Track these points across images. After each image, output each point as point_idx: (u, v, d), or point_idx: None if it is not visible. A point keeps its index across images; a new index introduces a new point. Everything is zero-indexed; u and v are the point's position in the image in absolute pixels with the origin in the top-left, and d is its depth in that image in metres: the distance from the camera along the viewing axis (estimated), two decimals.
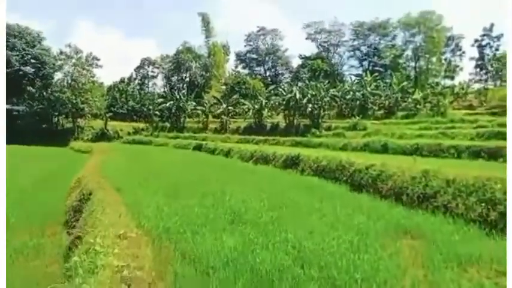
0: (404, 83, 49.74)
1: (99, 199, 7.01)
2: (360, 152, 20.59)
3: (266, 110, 48.00)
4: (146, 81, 76.03)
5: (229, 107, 51.60)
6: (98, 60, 54.35)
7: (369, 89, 48.02)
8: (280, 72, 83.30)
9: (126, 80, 71.44)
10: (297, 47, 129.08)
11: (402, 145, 18.94)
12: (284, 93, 45.90)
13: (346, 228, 6.27)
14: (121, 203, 7.12)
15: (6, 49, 46.98)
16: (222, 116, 50.59)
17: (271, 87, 55.69)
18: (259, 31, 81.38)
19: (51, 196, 12.42)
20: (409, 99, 45.71)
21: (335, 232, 5.98)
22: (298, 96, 43.14)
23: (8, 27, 49.64)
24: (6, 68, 47.37)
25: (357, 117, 41.90)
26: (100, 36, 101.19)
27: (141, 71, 75.75)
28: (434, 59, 62.26)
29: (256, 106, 47.58)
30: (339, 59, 78.18)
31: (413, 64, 65.15)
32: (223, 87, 64.65)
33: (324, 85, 47.16)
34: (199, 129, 50.90)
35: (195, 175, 13.58)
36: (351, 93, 48.04)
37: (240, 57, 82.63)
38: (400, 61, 65.71)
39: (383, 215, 7.33)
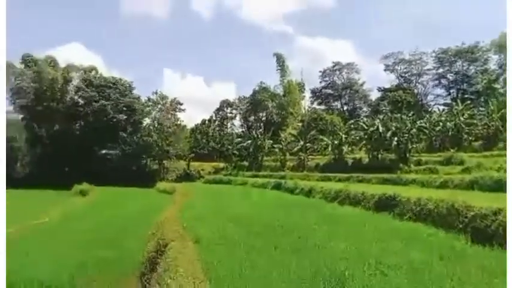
0: (504, 110, 43.96)
1: (173, 255, 6.09)
2: (465, 190, 17.51)
3: (346, 145, 45.61)
4: (225, 122, 78.63)
5: (307, 144, 50.26)
6: (181, 104, 57.73)
7: (461, 118, 43.24)
8: (358, 106, 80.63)
9: (206, 122, 74.60)
10: (374, 80, 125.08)
11: None
12: (365, 127, 43.29)
13: None
14: (198, 260, 6.11)
15: (103, 99, 52.18)
16: (300, 153, 49.27)
17: (350, 121, 53.41)
18: (334, 66, 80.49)
19: (132, 242, 12.09)
20: None
21: None
22: (381, 129, 40.28)
23: (105, 79, 55.54)
24: (103, 117, 52.46)
25: (451, 150, 37.48)
26: (183, 83, 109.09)
27: (220, 112, 78.72)
28: None
29: (335, 141, 45.52)
30: (423, 89, 73.27)
31: None
32: (300, 124, 63.88)
33: (409, 117, 43.68)
34: (277, 168, 50.07)
35: (278, 220, 12.31)
36: (441, 124, 43.70)
37: (316, 94, 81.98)
38: (497, 86, 58.98)
39: None
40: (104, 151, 52.54)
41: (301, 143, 50.04)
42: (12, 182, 46.92)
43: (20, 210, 26.25)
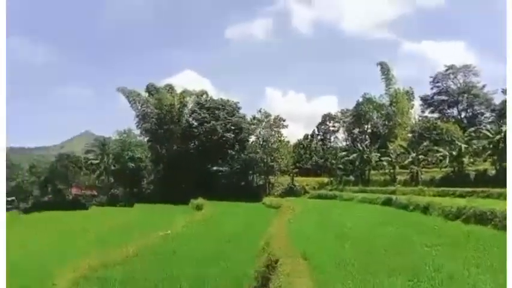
0: None
1: (285, 271, 6.14)
2: None
3: (467, 156, 40.77)
4: (328, 136, 77.39)
5: (420, 156, 46.33)
6: (284, 121, 58.87)
7: None
8: (478, 111, 71.60)
9: (309, 136, 74.46)
10: (497, 82, 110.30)
11: None
12: (490, 135, 38.24)
13: None
14: (309, 278, 6.05)
15: (213, 120, 56.27)
16: (412, 166, 45.64)
17: (471, 129, 47.72)
18: (447, 70, 73.30)
19: (244, 255, 12.55)
20: None
21: None
22: None
23: (214, 101, 60.16)
24: (213, 136, 56.47)
25: None
26: (284, 99, 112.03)
27: (323, 127, 77.84)
28: None
29: (453, 152, 41.10)
30: None
31: None
32: (410, 134, 59.46)
33: None
34: (386, 182, 47.12)
35: (391, 238, 11.52)
36: None
37: (427, 101, 75.45)
38: None
39: None
40: (215, 168, 56.33)
41: (413, 155, 46.36)
42: (139, 198, 53.85)
43: (147, 223, 29.67)
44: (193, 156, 57.08)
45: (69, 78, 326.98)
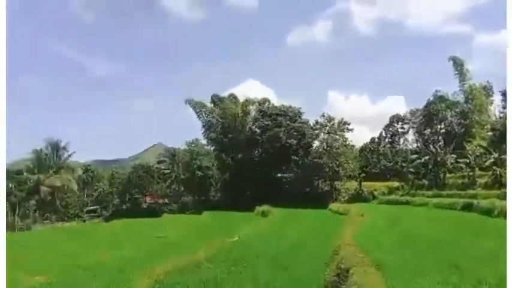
0: None
1: (359, 281, 5.87)
2: None
3: None
4: (397, 139, 73.67)
5: (502, 156, 42.11)
6: (348, 124, 57.22)
7: None
8: None
9: (376, 139, 71.58)
10: None
11: None
12: None
13: None
14: None
15: (276, 127, 56.52)
16: (494, 168, 41.62)
17: None
18: None
19: (313, 263, 12.30)
20: None
21: None
22: None
23: (277, 108, 60.55)
24: (276, 143, 56.65)
25: None
26: (348, 103, 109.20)
27: (390, 129, 74.30)
28: None
29: None
30: None
31: None
32: (490, 133, 54.37)
33: None
34: (465, 186, 43.48)
35: (475, 247, 10.51)
36: None
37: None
38: None
39: None
40: (279, 174, 56.43)
41: (495, 155, 42.35)
42: (207, 206, 55.79)
43: (215, 229, 30.57)
44: (258, 163, 57.74)
45: (144, 92, 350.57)
